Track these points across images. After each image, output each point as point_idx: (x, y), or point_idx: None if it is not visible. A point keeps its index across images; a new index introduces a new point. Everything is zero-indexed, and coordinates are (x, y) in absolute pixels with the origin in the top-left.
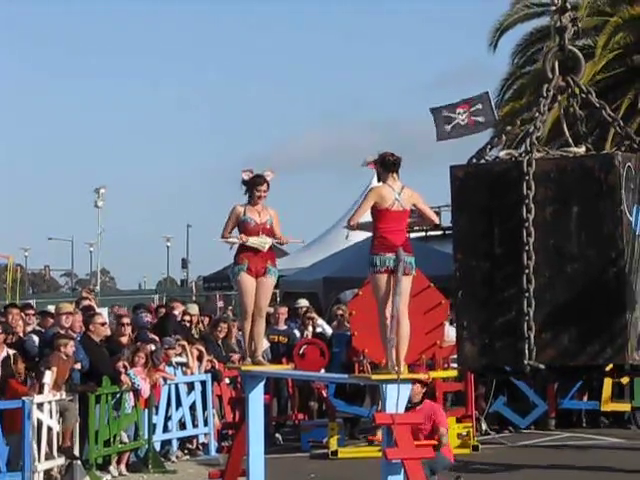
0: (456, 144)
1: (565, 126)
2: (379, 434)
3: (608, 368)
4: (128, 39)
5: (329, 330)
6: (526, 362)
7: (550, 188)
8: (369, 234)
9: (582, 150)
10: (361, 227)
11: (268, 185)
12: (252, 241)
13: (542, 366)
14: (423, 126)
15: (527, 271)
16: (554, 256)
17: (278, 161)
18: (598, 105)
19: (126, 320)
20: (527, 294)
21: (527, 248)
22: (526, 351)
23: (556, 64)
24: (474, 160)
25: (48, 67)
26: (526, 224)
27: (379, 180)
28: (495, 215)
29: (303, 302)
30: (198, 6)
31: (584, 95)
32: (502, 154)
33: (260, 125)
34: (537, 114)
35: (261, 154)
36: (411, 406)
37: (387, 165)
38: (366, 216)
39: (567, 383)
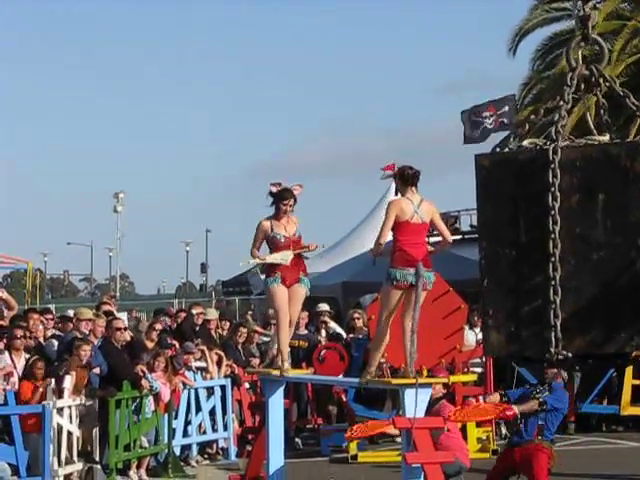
0: (472, 150)
1: (588, 115)
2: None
3: (635, 354)
4: (145, 46)
5: (342, 333)
6: (553, 350)
7: (576, 176)
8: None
9: (606, 138)
10: (384, 252)
11: (295, 200)
12: (274, 257)
13: (569, 354)
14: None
15: (553, 259)
16: (580, 244)
17: (292, 166)
18: (622, 94)
19: (159, 326)
20: (553, 282)
21: (553, 236)
22: (553, 339)
23: (580, 53)
24: (498, 149)
25: (67, 72)
26: (552, 212)
27: (396, 193)
28: (521, 203)
29: (324, 306)
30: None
31: (607, 84)
32: (526, 143)
33: (275, 130)
34: (562, 102)
35: (275, 159)
36: (429, 404)
37: (406, 178)
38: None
39: (592, 369)
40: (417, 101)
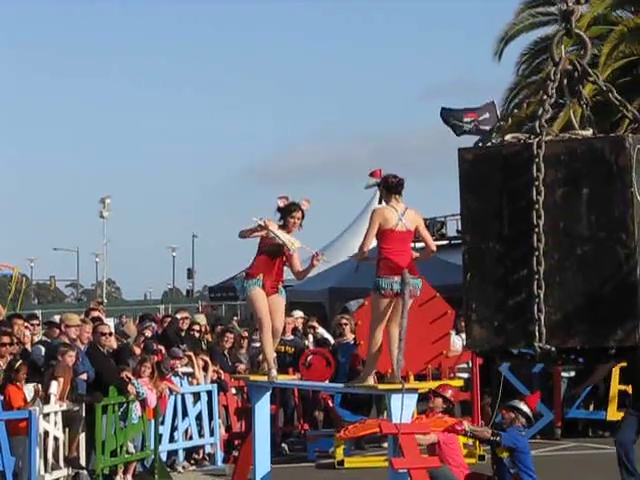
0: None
1: (571, 110)
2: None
3: (615, 351)
4: (133, 50)
5: (330, 338)
6: (536, 344)
7: (560, 170)
8: (375, 244)
9: (589, 133)
10: (368, 258)
11: (303, 214)
12: (281, 236)
13: (553, 348)
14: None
15: (537, 253)
16: (564, 238)
17: (278, 171)
18: (605, 88)
19: (148, 332)
20: (537, 276)
21: (537, 230)
22: (537, 333)
23: (562, 47)
24: (481, 144)
25: (52, 75)
26: (536, 206)
27: (380, 202)
28: (504, 197)
29: (297, 313)
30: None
31: (591, 79)
32: (508, 137)
33: (260, 135)
34: (545, 97)
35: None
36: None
37: (390, 187)
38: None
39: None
40: (399, 107)
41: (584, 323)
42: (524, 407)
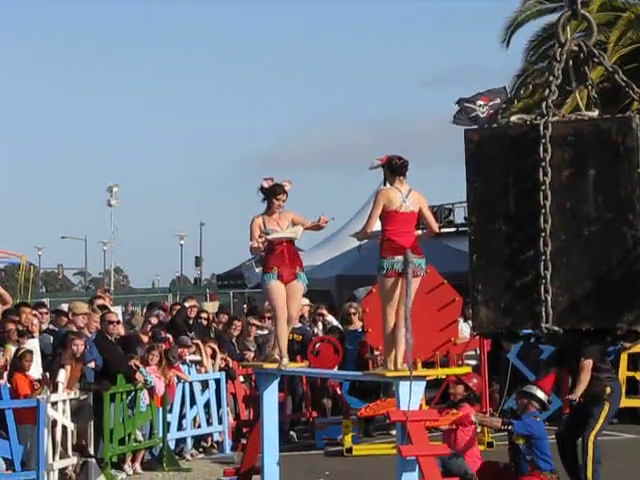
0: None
1: (577, 93)
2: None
3: (622, 332)
4: (140, 41)
5: (338, 326)
6: (543, 325)
7: (567, 151)
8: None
9: (595, 114)
10: (371, 236)
11: (286, 195)
12: (283, 234)
13: (559, 329)
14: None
15: (544, 234)
16: (571, 219)
17: (284, 158)
18: (611, 69)
19: (154, 320)
20: (544, 257)
21: (544, 211)
22: (543, 314)
23: (568, 29)
24: (486, 125)
25: (59, 64)
26: (543, 187)
27: (385, 184)
28: (511, 178)
29: (304, 301)
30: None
31: (596, 60)
32: (514, 118)
33: (266, 123)
34: (551, 78)
35: (267, 151)
36: (447, 405)
37: (394, 168)
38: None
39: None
40: (405, 93)
41: (591, 304)
42: (538, 392)
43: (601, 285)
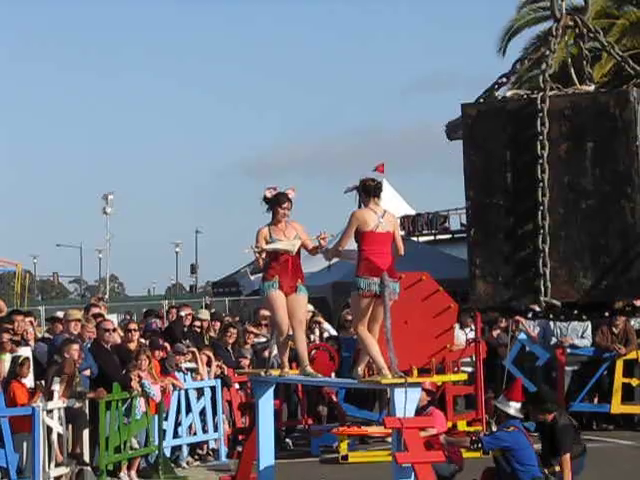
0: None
1: (571, 67)
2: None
3: (620, 306)
4: (137, 48)
5: (334, 333)
6: (542, 299)
7: (564, 125)
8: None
9: (591, 88)
10: (342, 256)
11: (291, 203)
12: (281, 245)
13: (558, 302)
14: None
15: (542, 208)
16: (569, 193)
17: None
18: (606, 43)
19: (133, 326)
20: (542, 231)
21: (542, 185)
22: (542, 287)
23: (563, 4)
24: (482, 100)
25: (56, 70)
26: (540, 160)
27: (360, 206)
28: (508, 152)
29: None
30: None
31: (592, 35)
32: (509, 94)
33: (258, 129)
34: (548, 52)
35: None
36: (416, 412)
37: (368, 190)
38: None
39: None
40: (386, 100)
41: (589, 278)
42: (506, 405)
43: (599, 258)
